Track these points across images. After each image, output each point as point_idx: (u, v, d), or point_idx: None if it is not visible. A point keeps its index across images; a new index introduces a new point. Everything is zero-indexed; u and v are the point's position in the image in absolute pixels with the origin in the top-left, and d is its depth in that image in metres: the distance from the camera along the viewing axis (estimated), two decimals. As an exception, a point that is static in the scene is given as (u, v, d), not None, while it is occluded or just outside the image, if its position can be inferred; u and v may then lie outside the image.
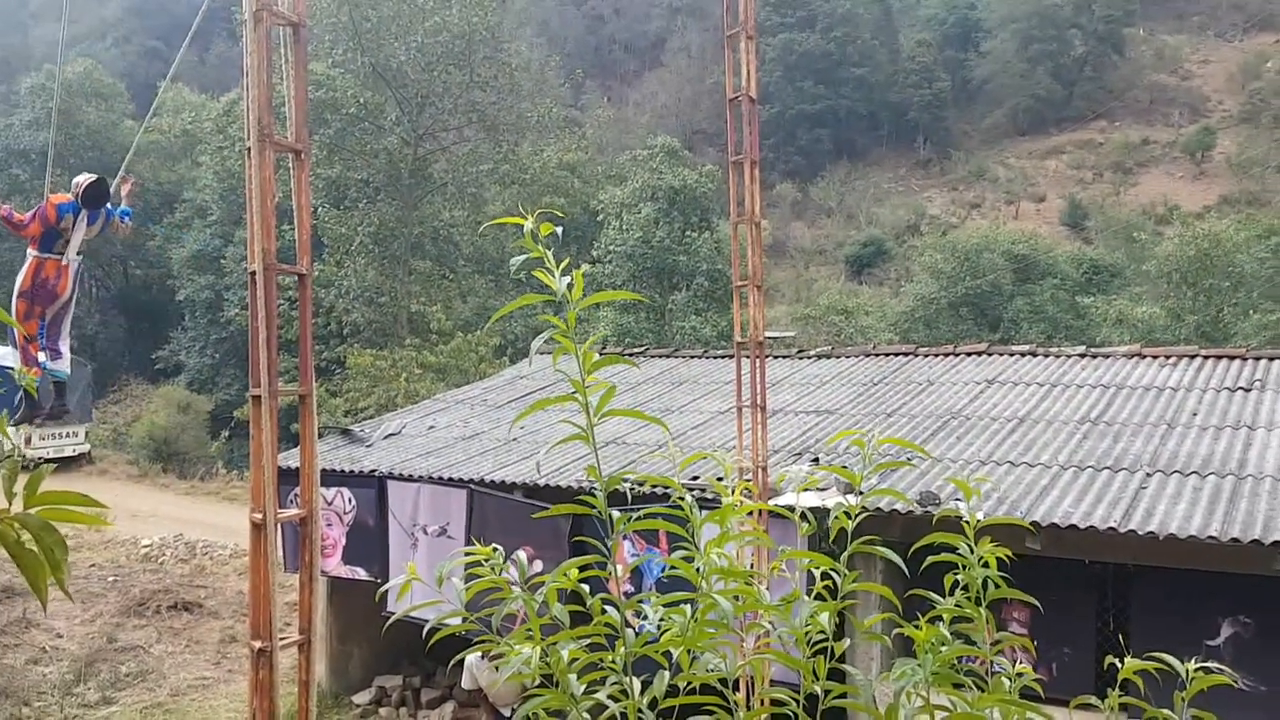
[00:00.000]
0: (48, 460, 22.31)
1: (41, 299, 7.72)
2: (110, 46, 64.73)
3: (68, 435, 25.62)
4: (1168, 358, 10.62)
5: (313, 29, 26.96)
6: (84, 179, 7.88)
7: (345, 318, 27.55)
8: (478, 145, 29.63)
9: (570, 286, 1.81)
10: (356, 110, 27.42)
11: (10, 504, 1.31)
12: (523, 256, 1.87)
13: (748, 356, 7.09)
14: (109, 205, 7.99)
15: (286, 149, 3.73)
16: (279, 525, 3.71)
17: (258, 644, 3.68)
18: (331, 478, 10.17)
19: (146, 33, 70.01)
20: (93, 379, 29.32)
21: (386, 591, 9.92)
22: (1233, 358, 10.41)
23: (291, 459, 9.10)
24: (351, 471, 10.24)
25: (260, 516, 3.58)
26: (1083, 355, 11.10)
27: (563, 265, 1.85)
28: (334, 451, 10.88)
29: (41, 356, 7.67)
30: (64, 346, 8.08)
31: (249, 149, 3.63)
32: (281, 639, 3.81)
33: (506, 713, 8.68)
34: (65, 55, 47.34)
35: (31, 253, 7.65)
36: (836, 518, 2.19)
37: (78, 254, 7.89)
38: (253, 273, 3.59)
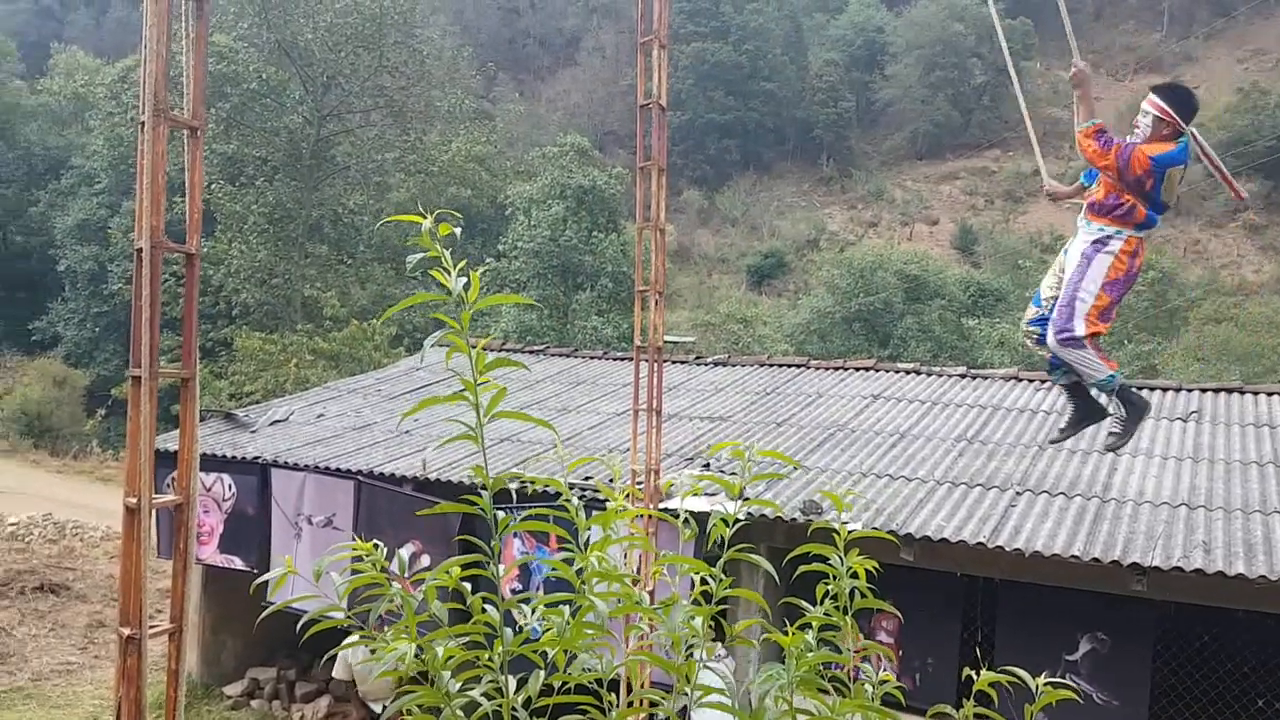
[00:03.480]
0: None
1: (1124, 291, 5.61)
2: (1, 3, 61.71)
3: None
4: (1043, 381, 11.05)
5: (217, 0, 26.19)
6: (1152, 99, 5.48)
7: (235, 298, 26.79)
8: (384, 131, 29.17)
9: (467, 287, 1.83)
10: (258, 86, 26.74)
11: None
12: (420, 255, 1.89)
13: (647, 360, 7.16)
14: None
15: (182, 125, 3.64)
16: (154, 510, 3.62)
17: (126, 631, 3.58)
18: (212, 463, 9.89)
19: (39, -10, 66.97)
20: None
21: (268, 582, 9.72)
22: (1104, 385, 10.89)
23: (170, 442, 8.84)
24: (233, 457, 9.97)
25: (135, 501, 3.48)
26: (963, 375, 11.48)
27: (459, 265, 1.86)
28: (216, 436, 10.59)
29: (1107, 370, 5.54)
30: None
31: (142, 123, 3.53)
32: (152, 627, 3.71)
33: (377, 709, 8.45)
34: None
35: (1123, 230, 5.45)
36: (715, 525, 2.25)
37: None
38: (139, 249, 3.50)
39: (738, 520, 2.22)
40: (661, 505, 6.78)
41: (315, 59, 27.57)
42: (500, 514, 2.05)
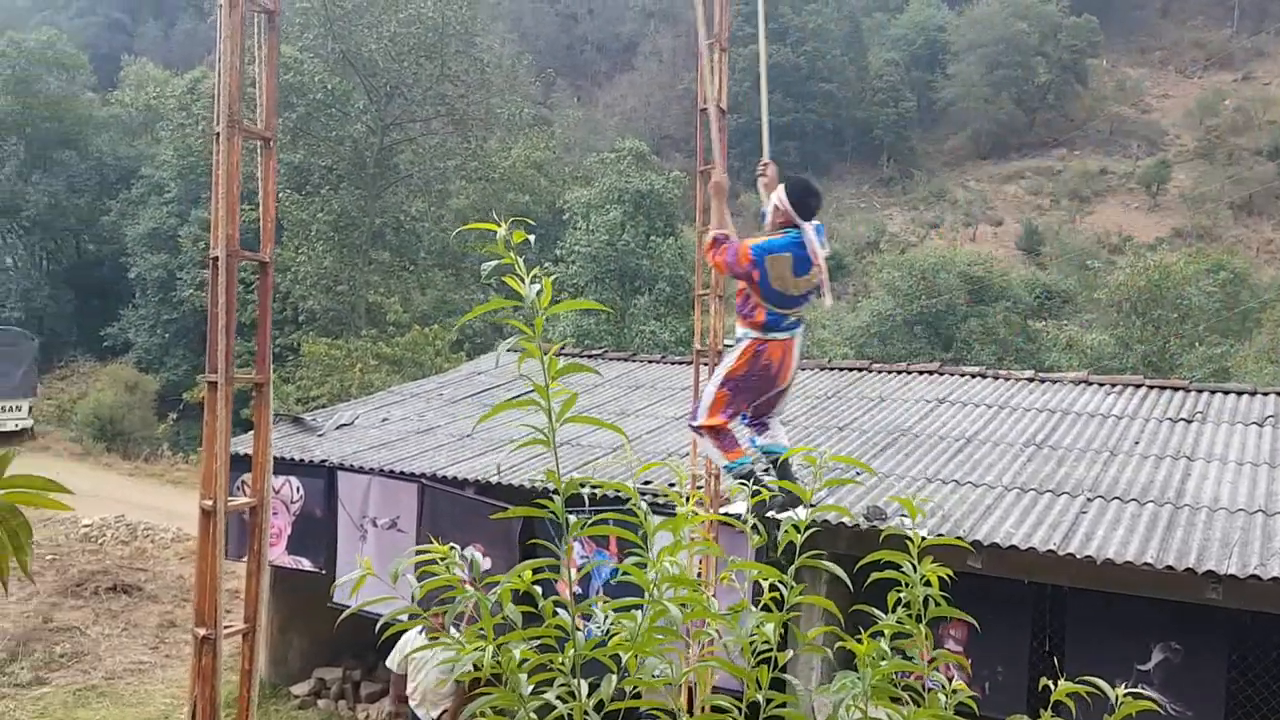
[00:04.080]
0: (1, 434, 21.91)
1: (751, 390, 5.75)
2: (74, 17, 63.53)
3: (11, 409, 25.12)
4: (1114, 386, 10.85)
5: (284, 12, 26.70)
6: (779, 192, 5.67)
7: (301, 304, 27.27)
8: (445, 139, 29.48)
9: (539, 293, 1.85)
10: (324, 96, 27.18)
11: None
12: (494, 262, 1.91)
13: (706, 364, 7.15)
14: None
15: (255, 136, 3.72)
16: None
17: (202, 631, 3.66)
18: (280, 466, 10.07)
19: (110, 4, 68.86)
20: (39, 354, 28.77)
21: (336, 584, 9.79)
22: (1176, 389, 10.65)
23: (241, 445, 9.01)
24: (301, 460, 10.15)
25: (211, 503, 3.57)
26: (1031, 379, 11.29)
27: (533, 272, 1.88)
28: (284, 439, 10.78)
29: (746, 443, 5.86)
30: (775, 421, 6.05)
31: (217, 134, 3.62)
32: (225, 627, 3.79)
33: (420, 714, 8.09)
34: (28, 22, 46.38)
35: (750, 333, 5.64)
36: (786, 531, 2.24)
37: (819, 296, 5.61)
38: (214, 258, 3.58)
39: (810, 526, 2.21)
40: (721, 510, 6.76)
41: (379, 69, 27.94)
42: (572, 519, 2.06)
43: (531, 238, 1.95)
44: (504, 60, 32.64)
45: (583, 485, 2.18)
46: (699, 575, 6.00)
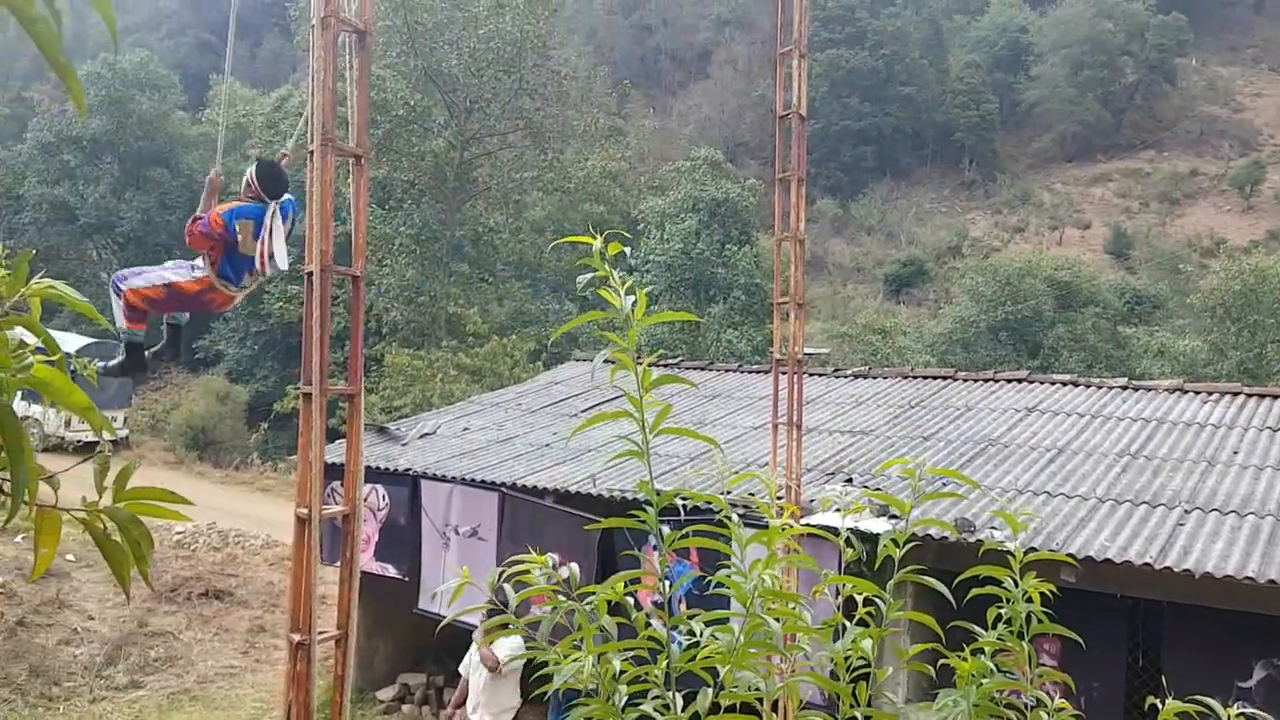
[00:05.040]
0: (86, 443, 22.69)
1: (178, 307, 6.68)
2: (164, 38, 65.75)
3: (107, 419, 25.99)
4: (1210, 394, 10.50)
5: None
6: (251, 170, 6.35)
7: (385, 316, 27.78)
8: (522, 151, 29.79)
9: (634, 305, 1.85)
10: (406, 113, 27.67)
11: (101, 497, 1.37)
12: (590, 275, 1.92)
13: (785, 373, 7.10)
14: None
15: (348, 154, 3.80)
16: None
17: (297, 637, 3.74)
18: (366, 474, 10.22)
19: (200, 25, 71.09)
20: (134, 365, 29.68)
21: (420, 590, 9.89)
22: (1276, 397, 10.27)
23: (332, 454, 9.20)
24: (386, 469, 10.33)
25: (306, 512, 3.64)
26: (1124, 387, 10.99)
27: (627, 284, 1.89)
28: (369, 449, 10.98)
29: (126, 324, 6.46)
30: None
31: (311, 152, 3.70)
32: (319, 633, 3.87)
33: (475, 718, 8.09)
34: (121, 44, 48.08)
35: (203, 268, 6.34)
36: (885, 545, 2.20)
37: (283, 265, 6.26)
38: (309, 273, 3.66)
39: (910, 540, 2.17)
40: (802, 520, 6.69)
41: (459, 84, 28.36)
42: (666, 530, 2.06)
43: (628, 250, 1.95)
44: (580, 72, 32.89)
45: (676, 496, 2.18)
46: (783, 587, 5.94)
